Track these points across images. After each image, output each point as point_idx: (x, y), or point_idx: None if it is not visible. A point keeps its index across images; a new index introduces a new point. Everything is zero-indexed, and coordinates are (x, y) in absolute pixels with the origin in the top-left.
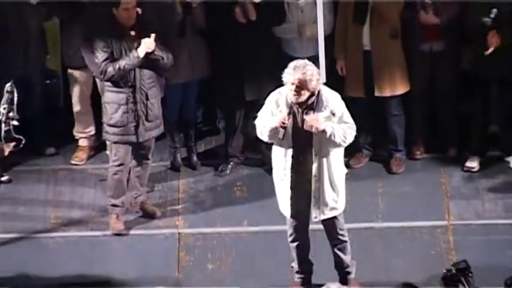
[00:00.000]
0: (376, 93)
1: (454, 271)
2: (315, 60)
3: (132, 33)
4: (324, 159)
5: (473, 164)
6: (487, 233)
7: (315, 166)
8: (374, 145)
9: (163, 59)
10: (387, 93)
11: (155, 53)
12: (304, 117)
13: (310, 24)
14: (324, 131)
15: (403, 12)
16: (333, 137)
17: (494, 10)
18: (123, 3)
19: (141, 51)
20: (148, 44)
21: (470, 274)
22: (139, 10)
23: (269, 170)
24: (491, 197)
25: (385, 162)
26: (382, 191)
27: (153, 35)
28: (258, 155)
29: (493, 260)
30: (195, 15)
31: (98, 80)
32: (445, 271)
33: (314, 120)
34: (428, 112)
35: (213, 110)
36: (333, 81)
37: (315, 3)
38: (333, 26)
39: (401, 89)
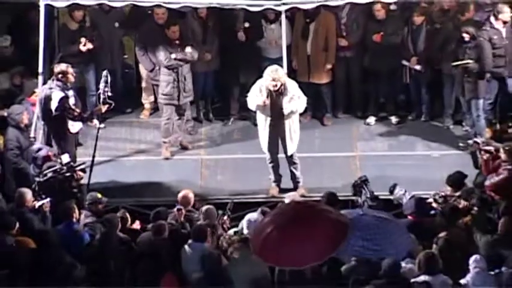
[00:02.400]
0: (313, 80)
1: (359, 182)
2: (280, 60)
3: (177, 42)
4: (288, 120)
5: (370, 120)
6: (377, 160)
7: (286, 123)
8: (314, 108)
9: (193, 57)
10: (319, 80)
11: (189, 53)
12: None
13: (277, 39)
14: (291, 111)
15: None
16: (295, 111)
17: None
18: (170, 27)
19: (183, 54)
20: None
21: (368, 183)
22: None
23: (254, 123)
24: (380, 139)
25: (320, 119)
26: (317, 135)
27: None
28: (248, 113)
29: (381, 173)
30: (212, 33)
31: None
32: (354, 181)
33: (288, 109)
34: (345, 90)
35: (221, 87)
36: (290, 71)
37: (281, 26)
38: (291, 39)
39: (327, 78)
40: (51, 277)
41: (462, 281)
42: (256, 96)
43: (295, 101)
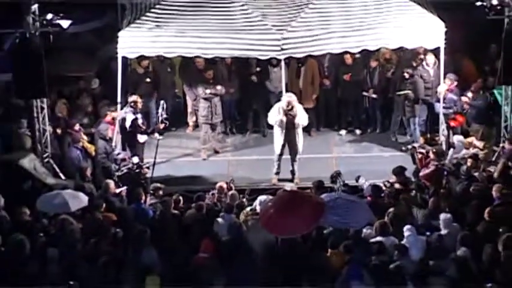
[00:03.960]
0: (303, 106)
1: (334, 174)
2: (281, 93)
3: (211, 81)
4: (298, 129)
5: (342, 132)
6: (347, 159)
7: (295, 132)
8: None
9: (222, 91)
10: (307, 105)
11: (219, 89)
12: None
13: (279, 78)
14: (299, 124)
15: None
16: (302, 124)
17: None
18: (207, 71)
19: (215, 89)
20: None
21: (341, 175)
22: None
23: (263, 135)
24: (349, 145)
25: (308, 132)
26: (306, 143)
27: (219, 85)
28: (259, 129)
29: (350, 169)
30: (234, 75)
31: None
32: (331, 174)
33: (298, 122)
34: (325, 112)
35: (241, 111)
36: None
37: (281, 69)
38: (288, 78)
39: (312, 104)
40: (128, 239)
41: (402, 242)
42: (275, 115)
43: (301, 117)
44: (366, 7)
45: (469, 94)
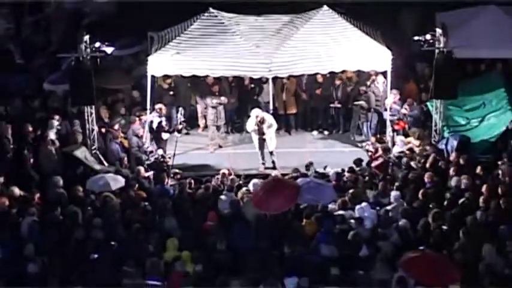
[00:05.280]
0: (287, 112)
1: (308, 164)
2: (269, 103)
3: (217, 93)
4: (268, 134)
5: (314, 132)
6: (318, 153)
7: (265, 137)
8: (286, 126)
9: (225, 101)
10: (290, 112)
11: (223, 99)
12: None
13: (268, 91)
14: (269, 132)
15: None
16: (272, 130)
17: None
18: (214, 86)
19: (220, 100)
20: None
21: (313, 164)
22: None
23: None
24: (319, 142)
25: (288, 132)
26: (287, 140)
27: (223, 96)
28: None
29: (319, 160)
30: (234, 88)
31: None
32: (305, 164)
33: (266, 130)
34: (302, 117)
35: (239, 116)
36: (274, 108)
37: (269, 85)
38: (274, 92)
39: (293, 111)
40: (155, 208)
41: (356, 215)
42: (251, 125)
43: (269, 125)
44: (332, 39)
45: (406, 106)
